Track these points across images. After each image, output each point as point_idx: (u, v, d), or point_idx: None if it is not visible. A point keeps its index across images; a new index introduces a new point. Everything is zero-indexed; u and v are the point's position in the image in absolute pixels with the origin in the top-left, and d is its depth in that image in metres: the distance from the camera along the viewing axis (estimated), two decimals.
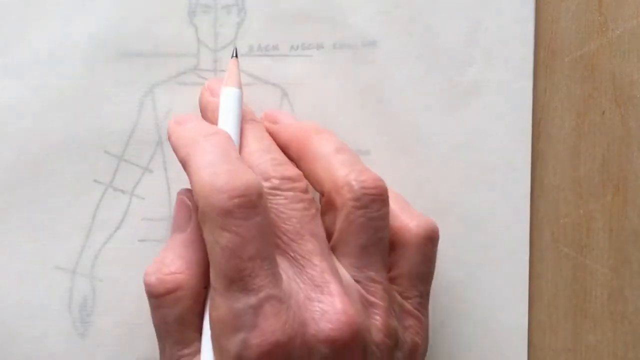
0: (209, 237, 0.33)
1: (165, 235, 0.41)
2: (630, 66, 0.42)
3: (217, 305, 0.33)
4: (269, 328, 0.32)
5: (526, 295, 0.42)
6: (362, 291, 0.35)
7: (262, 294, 0.32)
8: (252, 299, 0.32)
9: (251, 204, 0.33)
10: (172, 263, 0.36)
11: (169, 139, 0.37)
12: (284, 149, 0.38)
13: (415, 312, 0.37)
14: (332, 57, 0.41)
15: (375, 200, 0.36)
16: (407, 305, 0.37)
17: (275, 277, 0.33)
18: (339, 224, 0.35)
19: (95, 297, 0.42)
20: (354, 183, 0.35)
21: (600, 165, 0.42)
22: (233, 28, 0.41)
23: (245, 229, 0.32)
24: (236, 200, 0.32)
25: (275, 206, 0.34)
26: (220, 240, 0.32)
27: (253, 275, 0.32)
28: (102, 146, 0.41)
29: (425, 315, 0.38)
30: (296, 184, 0.35)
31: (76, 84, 0.41)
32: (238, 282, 0.32)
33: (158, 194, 0.42)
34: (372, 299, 0.35)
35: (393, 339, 0.35)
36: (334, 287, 0.34)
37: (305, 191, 0.35)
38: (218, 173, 0.33)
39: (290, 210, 0.35)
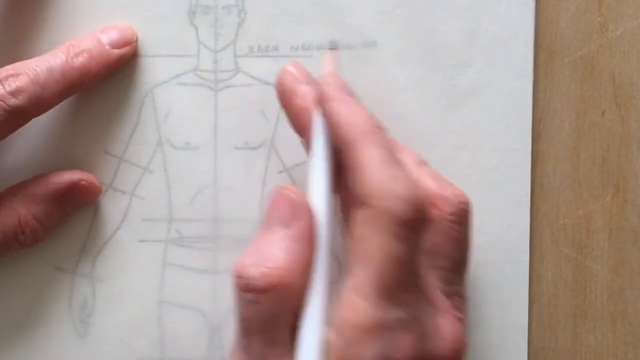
0: (375, 239, 0.31)
1: (165, 236, 0.41)
2: (630, 67, 0.42)
3: (360, 310, 0.31)
4: (410, 347, 0.32)
5: (526, 295, 0.42)
6: (452, 307, 0.35)
7: (410, 311, 0.32)
8: (402, 314, 0.32)
9: (424, 219, 0.32)
10: (276, 258, 0.34)
11: (327, 101, 0.35)
12: (336, 131, 0.35)
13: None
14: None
15: (468, 216, 0.36)
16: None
17: (424, 297, 0.33)
18: (435, 236, 0.35)
19: (95, 297, 0.42)
20: (452, 197, 0.36)
21: (600, 165, 0.42)
22: (233, 29, 0.41)
23: (414, 243, 0.32)
24: (416, 214, 0.32)
25: (437, 228, 0.35)
26: (388, 247, 0.31)
27: (409, 290, 0.32)
28: (102, 146, 0.41)
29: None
30: (425, 209, 0.34)
31: None
32: (394, 292, 0.31)
33: (158, 195, 0.42)
34: (459, 315, 0.35)
35: (464, 350, 0.35)
36: (445, 305, 0.34)
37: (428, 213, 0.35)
38: (398, 178, 0.32)
39: (452, 231, 0.35)
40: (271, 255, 0.34)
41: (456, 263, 0.36)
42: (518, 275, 0.42)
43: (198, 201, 0.42)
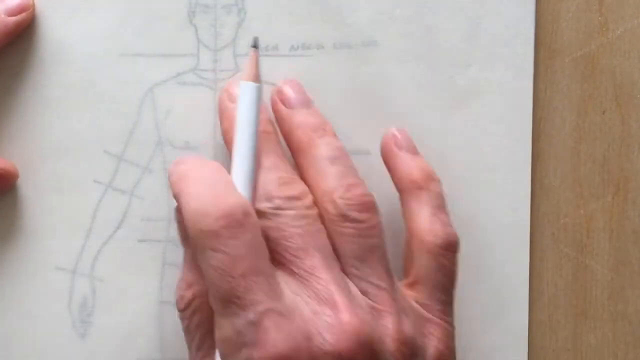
0: (202, 261, 0.34)
1: (165, 236, 0.41)
2: (630, 66, 0.42)
3: (220, 325, 0.34)
4: (270, 342, 0.32)
5: (526, 295, 0.42)
6: (369, 301, 0.35)
7: (259, 308, 0.33)
8: (250, 315, 0.33)
9: (237, 223, 0.33)
10: (188, 277, 0.37)
11: (169, 179, 0.37)
12: (286, 137, 0.39)
13: (436, 319, 0.37)
14: (332, 57, 0.41)
15: (362, 211, 0.36)
16: (426, 312, 0.37)
17: (274, 291, 0.33)
18: (332, 237, 0.36)
19: (95, 297, 0.42)
20: (339, 201, 0.36)
21: (600, 165, 0.42)
22: (233, 28, 0.41)
23: (233, 248, 0.33)
24: (222, 221, 0.33)
25: (278, 225, 0.35)
26: (211, 262, 0.33)
27: (247, 291, 0.33)
28: (102, 146, 0.41)
29: (449, 322, 0.38)
30: (299, 202, 0.36)
31: (76, 84, 0.41)
32: (234, 299, 0.33)
33: (158, 194, 0.41)
34: (379, 307, 0.35)
35: (408, 346, 0.35)
36: (338, 298, 0.34)
37: (310, 207, 0.36)
38: (203, 199, 0.34)
39: (292, 227, 0.35)
40: (184, 274, 0.37)
41: (358, 258, 0.36)
42: (518, 275, 0.42)
43: None
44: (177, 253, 0.41)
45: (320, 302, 0.34)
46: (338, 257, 0.36)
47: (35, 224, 0.41)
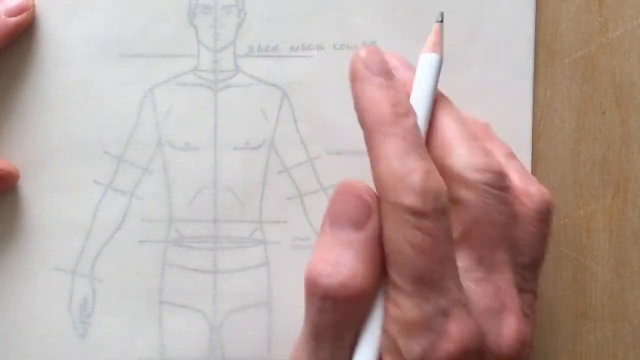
0: (397, 233, 0.31)
1: (165, 236, 0.41)
2: (630, 67, 0.42)
3: (403, 305, 0.31)
4: (459, 335, 0.31)
5: None
6: (521, 305, 0.34)
7: (451, 296, 0.31)
8: (443, 301, 0.31)
9: (443, 209, 0.31)
10: (353, 265, 0.32)
11: (353, 82, 0.34)
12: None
13: None
14: (332, 58, 0.41)
15: (550, 215, 0.35)
16: None
17: (459, 281, 0.32)
18: (518, 231, 0.34)
19: (95, 297, 0.42)
20: (536, 194, 0.35)
21: (600, 166, 0.42)
22: (233, 29, 0.41)
23: (436, 231, 0.31)
24: (431, 203, 0.31)
25: (484, 204, 0.33)
26: (412, 239, 0.31)
27: (443, 277, 0.31)
28: (102, 147, 0.41)
29: None
30: (506, 183, 0.34)
31: (76, 84, 0.41)
32: (429, 282, 0.31)
33: (158, 195, 0.42)
34: (528, 311, 0.35)
35: (525, 343, 0.35)
36: (515, 305, 0.33)
37: (509, 193, 0.34)
38: (414, 170, 0.31)
39: (497, 213, 0.33)
40: (346, 262, 0.32)
41: (534, 260, 0.35)
42: None
43: (198, 201, 0.42)
44: (177, 253, 0.42)
45: (497, 300, 0.33)
46: (517, 250, 0.34)
47: (36, 224, 0.41)
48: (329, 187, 0.42)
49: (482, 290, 0.33)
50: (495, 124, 0.41)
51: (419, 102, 0.34)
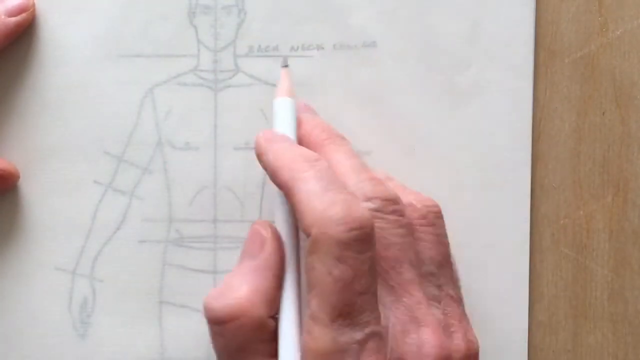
0: (320, 266, 0.32)
1: (165, 236, 0.42)
2: (630, 67, 0.42)
3: (317, 336, 0.32)
4: None
5: (526, 296, 0.42)
6: (442, 315, 0.35)
7: (367, 330, 0.32)
8: (358, 334, 0.32)
9: (367, 238, 0.32)
10: (239, 289, 0.34)
11: (261, 157, 0.36)
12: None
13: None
14: (332, 58, 0.41)
15: (438, 217, 0.36)
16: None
17: (378, 313, 0.32)
18: (416, 245, 0.35)
19: (95, 297, 0.42)
20: (415, 203, 0.36)
21: (600, 166, 0.42)
22: (233, 29, 0.41)
23: (359, 263, 0.32)
24: (354, 233, 0.32)
25: (379, 230, 0.34)
26: (333, 271, 0.31)
27: (361, 310, 0.32)
28: (102, 147, 0.41)
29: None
30: (397, 207, 0.35)
31: (76, 84, 0.41)
32: (346, 315, 0.32)
33: (158, 195, 0.42)
34: (452, 321, 0.35)
35: (473, 352, 0.35)
36: (430, 319, 0.34)
37: (403, 215, 0.35)
38: (334, 202, 0.32)
39: (392, 236, 0.34)
40: (235, 286, 0.34)
41: (438, 264, 0.36)
42: (518, 275, 0.42)
43: (198, 201, 0.42)
44: (177, 253, 0.42)
45: (411, 319, 0.33)
46: (417, 263, 0.35)
47: (36, 224, 0.41)
48: None
49: (396, 314, 0.33)
50: (495, 124, 0.41)
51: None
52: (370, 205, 0.34)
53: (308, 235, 0.32)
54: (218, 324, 0.34)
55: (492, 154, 0.41)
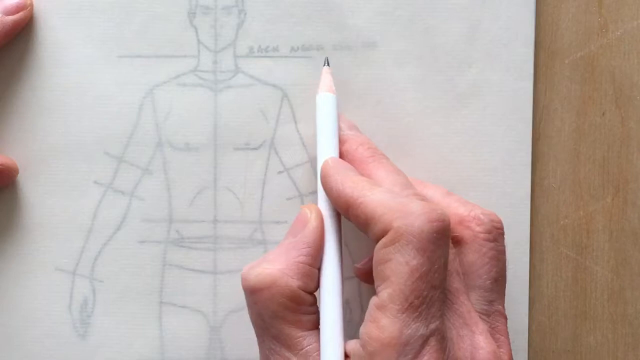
0: (399, 256, 0.33)
1: (165, 237, 0.42)
2: (630, 67, 0.42)
3: (384, 325, 0.32)
4: None
5: (526, 296, 0.42)
6: (489, 327, 0.36)
7: (433, 326, 0.32)
8: (424, 329, 0.32)
9: (446, 232, 0.33)
10: (273, 260, 0.36)
11: (327, 179, 0.37)
12: (349, 160, 0.38)
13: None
14: (332, 58, 0.41)
15: (501, 234, 0.37)
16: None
17: (443, 312, 0.33)
18: (470, 256, 0.36)
19: (95, 298, 0.42)
20: (482, 217, 0.37)
21: (600, 166, 0.42)
22: (233, 29, 0.41)
23: (437, 256, 0.33)
24: (435, 225, 0.33)
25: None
26: (411, 262, 0.32)
27: (431, 304, 0.32)
28: (102, 147, 0.41)
29: None
30: (444, 222, 0.35)
31: (76, 85, 0.41)
32: (417, 307, 0.32)
33: (158, 195, 0.42)
34: (498, 335, 0.36)
35: None
36: (481, 326, 0.34)
37: (450, 229, 0.35)
38: (413, 200, 0.34)
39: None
40: (270, 259, 0.36)
41: (494, 280, 0.36)
42: (518, 275, 0.42)
43: (198, 202, 0.42)
44: (177, 254, 0.42)
45: (464, 326, 0.34)
46: (471, 276, 0.36)
47: (36, 225, 0.41)
48: None
49: (450, 319, 0.34)
50: (495, 125, 0.41)
51: (327, 136, 0.38)
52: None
53: (386, 232, 0.33)
54: (252, 292, 0.35)
55: (492, 155, 0.41)
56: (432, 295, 0.32)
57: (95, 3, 0.41)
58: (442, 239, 0.33)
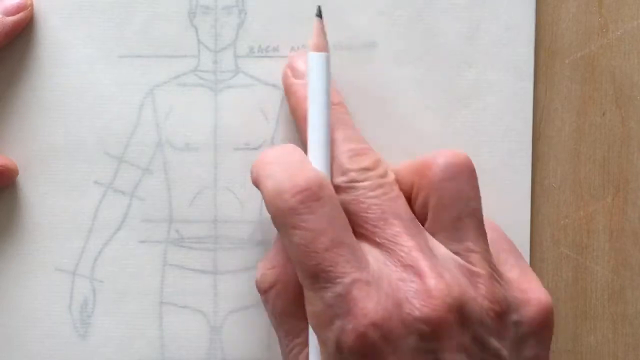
0: (285, 239, 0.34)
1: (166, 237, 0.42)
2: (630, 67, 0.42)
3: (311, 300, 0.34)
4: (361, 311, 0.33)
5: None
6: (463, 262, 0.35)
7: (347, 280, 0.33)
8: (338, 287, 0.33)
9: (314, 197, 0.34)
10: (274, 258, 0.37)
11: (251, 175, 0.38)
12: (295, 115, 0.39)
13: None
14: (332, 58, 0.41)
15: (462, 171, 0.36)
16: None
17: (359, 262, 0.33)
18: (431, 200, 0.36)
19: (95, 298, 0.42)
20: (438, 159, 0.36)
21: (600, 166, 0.42)
22: (233, 29, 0.41)
23: (313, 222, 0.33)
24: (298, 197, 0.33)
25: (355, 198, 0.35)
26: (293, 239, 0.33)
27: (333, 264, 0.33)
28: (102, 147, 0.41)
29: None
30: (372, 172, 0.36)
31: (76, 85, 0.41)
32: (321, 274, 0.33)
33: (158, 195, 0.42)
34: (473, 268, 0.35)
35: (501, 304, 0.35)
36: (423, 264, 0.34)
37: (384, 175, 0.36)
38: (278, 178, 0.34)
39: (369, 198, 0.35)
40: (271, 257, 0.37)
41: (456, 219, 0.36)
42: None
43: (198, 202, 0.42)
44: (178, 254, 0.42)
45: (406, 268, 0.34)
46: (434, 219, 0.36)
47: (36, 225, 0.41)
48: None
49: (390, 267, 0.34)
50: (495, 125, 0.41)
51: (315, 104, 0.37)
52: (344, 178, 0.36)
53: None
54: (261, 293, 0.37)
55: (492, 155, 0.41)
56: (330, 255, 0.33)
57: (95, 3, 0.41)
58: (313, 203, 0.34)
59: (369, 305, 0.33)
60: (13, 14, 0.40)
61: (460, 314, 0.33)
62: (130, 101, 0.41)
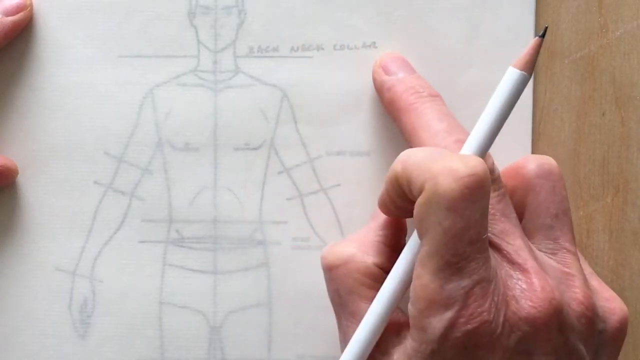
0: (432, 216, 0.32)
1: (166, 237, 0.42)
2: (630, 67, 0.42)
3: (425, 283, 0.33)
4: (478, 309, 0.32)
5: None
6: (558, 265, 0.35)
7: (475, 277, 0.32)
8: (465, 282, 0.32)
9: (480, 185, 0.32)
10: (351, 239, 0.37)
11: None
12: (393, 109, 0.39)
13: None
14: (332, 59, 0.41)
15: (554, 171, 0.37)
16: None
17: (487, 260, 0.33)
18: (528, 198, 0.37)
19: (95, 298, 0.42)
20: (530, 159, 0.37)
21: (600, 166, 0.42)
22: (233, 29, 0.41)
23: (471, 212, 0.32)
24: (465, 180, 0.32)
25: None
26: (443, 222, 0.32)
27: (470, 259, 0.32)
28: (102, 147, 0.41)
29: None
30: (476, 175, 0.34)
31: (76, 85, 0.41)
32: (454, 265, 0.32)
33: (158, 195, 0.42)
34: (568, 270, 0.35)
35: (593, 310, 0.35)
36: (530, 264, 0.34)
37: (492, 171, 0.36)
38: (447, 158, 0.33)
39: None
40: (347, 239, 0.38)
41: (553, 217, 0.36)
42: None
43: (198, 202, 0.42)
44: (178, 254, 0.42)
45: (512, 266, 0.34)
46: (531, 217, 0.37)
47: (36, 224, 0.41)
48: (329, 188, 0.42)
49: (499, 261, 0.34)
50: None
51: (493, 114, 0.35)
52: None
53: (421, 192, 0.33)
54: (329, 269, 0.37)
55: (492, 154, 0.41)
56: (471, 249, 0.32)
57: (95, 3, 0.41)
58: (476, 193, 0.32)
59: (485, 304, 0.32)
60: (13, 14, 0.40)
61: (559, 317, 0.33)
62: (130, 101, 0.41)
